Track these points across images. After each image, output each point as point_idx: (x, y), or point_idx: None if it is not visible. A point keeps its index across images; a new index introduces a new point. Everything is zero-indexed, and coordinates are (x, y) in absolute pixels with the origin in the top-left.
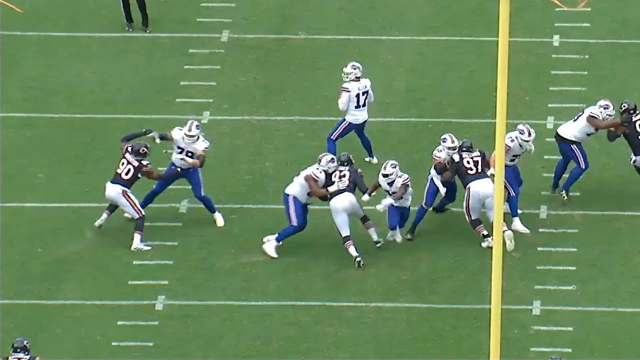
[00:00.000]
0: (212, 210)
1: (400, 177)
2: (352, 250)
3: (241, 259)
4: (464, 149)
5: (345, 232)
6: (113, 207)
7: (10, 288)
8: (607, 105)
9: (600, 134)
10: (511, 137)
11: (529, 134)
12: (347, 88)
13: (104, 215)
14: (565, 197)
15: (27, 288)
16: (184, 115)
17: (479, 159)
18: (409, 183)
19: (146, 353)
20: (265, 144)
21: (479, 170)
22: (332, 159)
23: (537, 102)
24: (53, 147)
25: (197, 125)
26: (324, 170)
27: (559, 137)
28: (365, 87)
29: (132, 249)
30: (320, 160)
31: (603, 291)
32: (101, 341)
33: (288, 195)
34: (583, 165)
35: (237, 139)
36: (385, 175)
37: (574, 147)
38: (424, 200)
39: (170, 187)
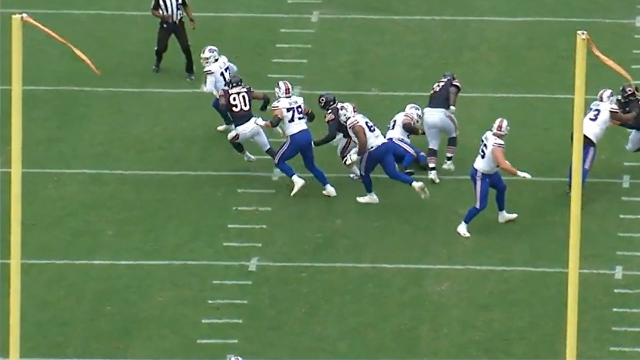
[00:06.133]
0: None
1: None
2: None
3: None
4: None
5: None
6: (242, 147)
7: (79, 347)
8: (611, 92)
9: None
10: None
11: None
12: (209, 70)
13: (251, 156)
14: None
15: (96, 347)
16: (255, 173)
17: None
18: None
19: None
20: (336, 202)
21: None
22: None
23: (614, 158)
24: (122, 204)
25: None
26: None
27: (586, 140)
28: (225, 63)
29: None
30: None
31: None
32: None
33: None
34: (587, 166)
35: (308, 197)
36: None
37: (591, 148)
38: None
39: (238, 245)
